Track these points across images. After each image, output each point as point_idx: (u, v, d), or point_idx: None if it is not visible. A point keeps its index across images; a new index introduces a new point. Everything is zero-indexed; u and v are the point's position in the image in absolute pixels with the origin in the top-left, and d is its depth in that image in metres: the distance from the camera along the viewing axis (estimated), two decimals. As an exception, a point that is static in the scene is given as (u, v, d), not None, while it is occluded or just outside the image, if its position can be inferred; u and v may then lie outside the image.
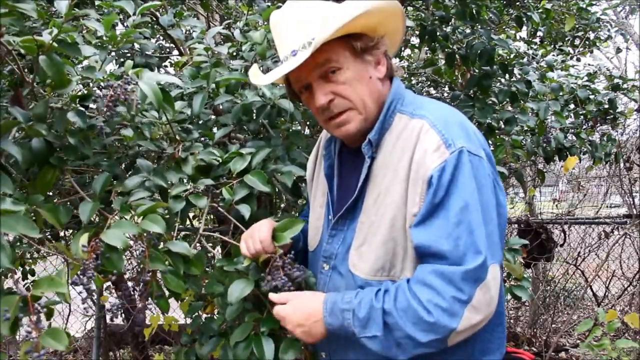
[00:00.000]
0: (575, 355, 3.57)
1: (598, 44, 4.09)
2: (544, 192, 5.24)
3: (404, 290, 1.00)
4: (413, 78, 3.43)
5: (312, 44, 1.02)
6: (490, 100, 2.49)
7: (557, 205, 4.82)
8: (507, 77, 2.52)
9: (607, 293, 4.22)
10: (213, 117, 1.84)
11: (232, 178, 1.45)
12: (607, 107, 2.91)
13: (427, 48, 2.93)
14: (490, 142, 2.42)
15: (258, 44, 1.72)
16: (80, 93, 1.38)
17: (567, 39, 3.86)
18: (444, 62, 2.64)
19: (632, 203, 3.76)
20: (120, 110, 1.44)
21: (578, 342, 3.84)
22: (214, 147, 1.58)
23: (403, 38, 1.26)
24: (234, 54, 1.96)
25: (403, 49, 3.59)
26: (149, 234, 1.19)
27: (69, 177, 1.38)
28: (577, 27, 3.73)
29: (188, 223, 2.29)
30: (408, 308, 0.98)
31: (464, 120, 1.11)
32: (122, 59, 2.07)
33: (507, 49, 2.56)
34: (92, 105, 1.38)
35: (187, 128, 1.63)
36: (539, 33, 3.68)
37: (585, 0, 3.54)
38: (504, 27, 3.46)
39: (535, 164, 3.52)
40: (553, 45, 3.71)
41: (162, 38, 2.94)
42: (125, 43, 1.54)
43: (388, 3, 1.10)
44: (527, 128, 2.75)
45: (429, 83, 3.38)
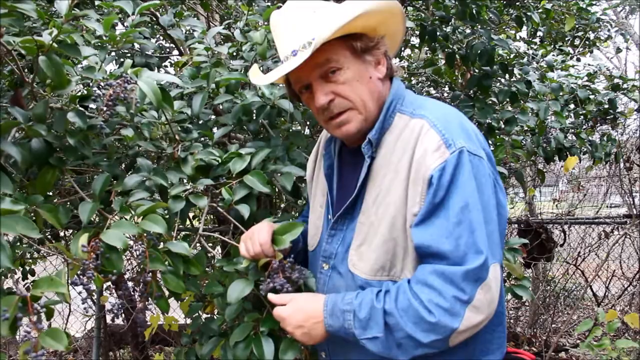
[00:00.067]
0: (575, 355, 3.56)
1: (598, 44, 4.09)
2: (544, 192, 5.25)
3: (405, 291, 1.00)
4: (413, 78, 3.43)
5: (312, 44, 1.02)
6: (490, 100, 2.49)
7: (557, 205, 4.82)
8: (507, 77, 2.52)
9: (607, 293, 4.22)
10: (213, 117, 1.84)
11: (231, 178, 1.45)
12: (607, 107, 2.92)
13: (427, 48, 2.93)
14: (490, 142, 2.42)
15: (258, 44, 1.72)
16: (80, 93, 1.38)
17: (567, 39, 3.87)
18: (444, 62, 2.64)
19: (632, 203, 3.76)
20: (120, 110, 1.44)
21: (578, 342, 3.84)
22: (214, 147, 1.58)
23: (403, 38, 1.26)
24: (234, 54, 1.96)
25: (403, 49, 3.59)
26: (149, 234, 1.19)
27: (69, 177, 1.38)
28: (577, 27, 3.73)
29: (188, 223, 2.28)
30: (409, 308, 0.98)
31: (464, 120, 1.11)
32: (122, 59, 2.07)
33: (507, 49, 2.56)
34: (92, 106, 1.38)
35: (186, 128, 1.62)
36: (539, 33, 3.68)
37: (585, 0, 3.54)
38: (504, 27, 3.47)
39: (535, 164, 3.52)
40: (553, 45, 3.70)
41: (162, 38, 2.93)
42: (125, 43, 1.54)
43: (388, 3, 1.10)
44: (527, 128, 2.75)
45: (429, 83, 3.38)
